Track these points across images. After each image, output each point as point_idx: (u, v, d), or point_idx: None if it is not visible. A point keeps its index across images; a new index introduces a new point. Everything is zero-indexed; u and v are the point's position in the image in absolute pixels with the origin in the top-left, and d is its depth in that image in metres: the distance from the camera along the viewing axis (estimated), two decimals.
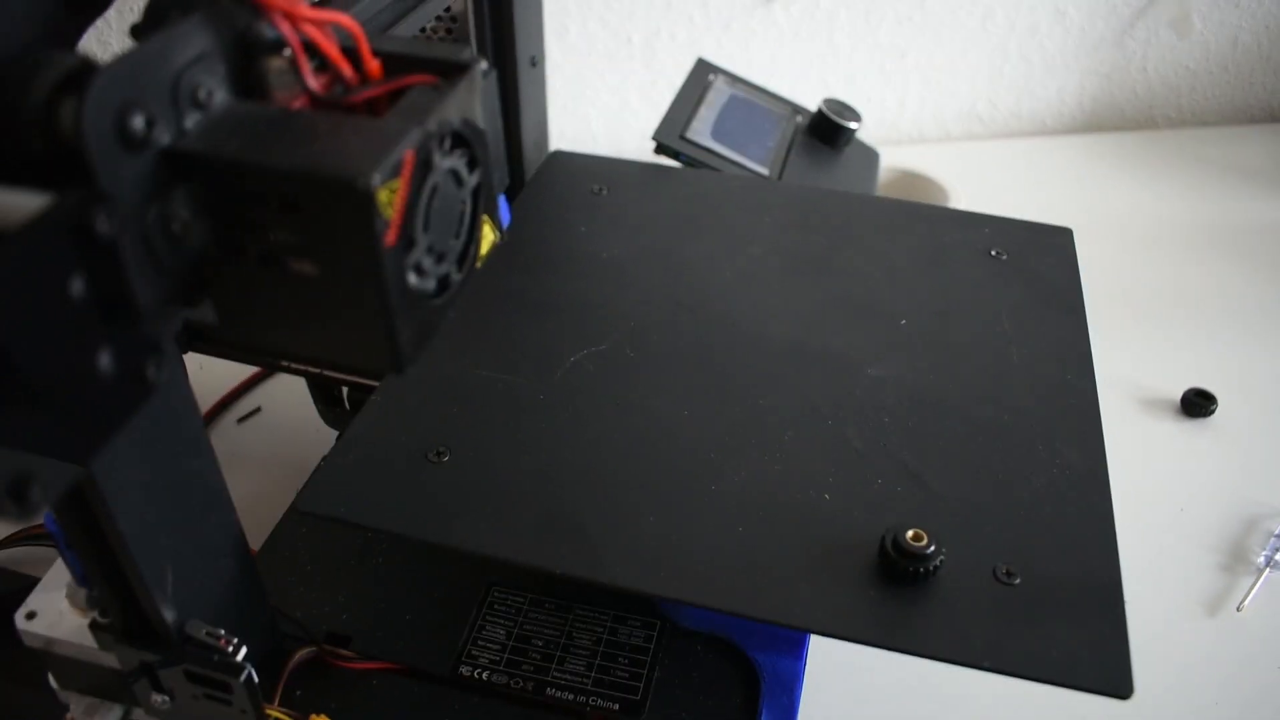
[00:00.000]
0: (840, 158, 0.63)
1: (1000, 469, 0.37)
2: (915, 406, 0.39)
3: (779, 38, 0.87)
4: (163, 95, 0.21)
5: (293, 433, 0.58)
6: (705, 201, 0.52)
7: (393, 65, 0.25)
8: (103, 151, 0.20)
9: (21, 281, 0.18)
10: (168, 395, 0.26)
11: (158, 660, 0.31)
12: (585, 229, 0.50)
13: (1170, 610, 0.48)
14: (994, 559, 0.33)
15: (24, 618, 0.36)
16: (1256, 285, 0.71)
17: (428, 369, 0.40)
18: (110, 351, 0.21)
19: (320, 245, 0.22)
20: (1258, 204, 0.81)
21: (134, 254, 0.21)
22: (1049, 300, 0.45)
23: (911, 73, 0.91)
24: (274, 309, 0.24)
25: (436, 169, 0.23)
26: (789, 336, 0.43)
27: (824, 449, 0.37)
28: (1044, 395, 0.40)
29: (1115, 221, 0.78)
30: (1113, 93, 0.94)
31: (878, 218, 0.51)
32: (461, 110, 0.24)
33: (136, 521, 0.27)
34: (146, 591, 0.28)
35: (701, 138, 0.57)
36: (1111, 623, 0.31)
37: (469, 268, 0.26)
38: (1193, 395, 0.59)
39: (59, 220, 0.19)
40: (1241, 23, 0.90)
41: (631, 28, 0.85)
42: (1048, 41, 0.90)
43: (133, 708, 0.39)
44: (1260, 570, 0.49)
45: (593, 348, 0.42)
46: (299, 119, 0.23)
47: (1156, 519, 0.52)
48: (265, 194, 0.22)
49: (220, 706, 0.32)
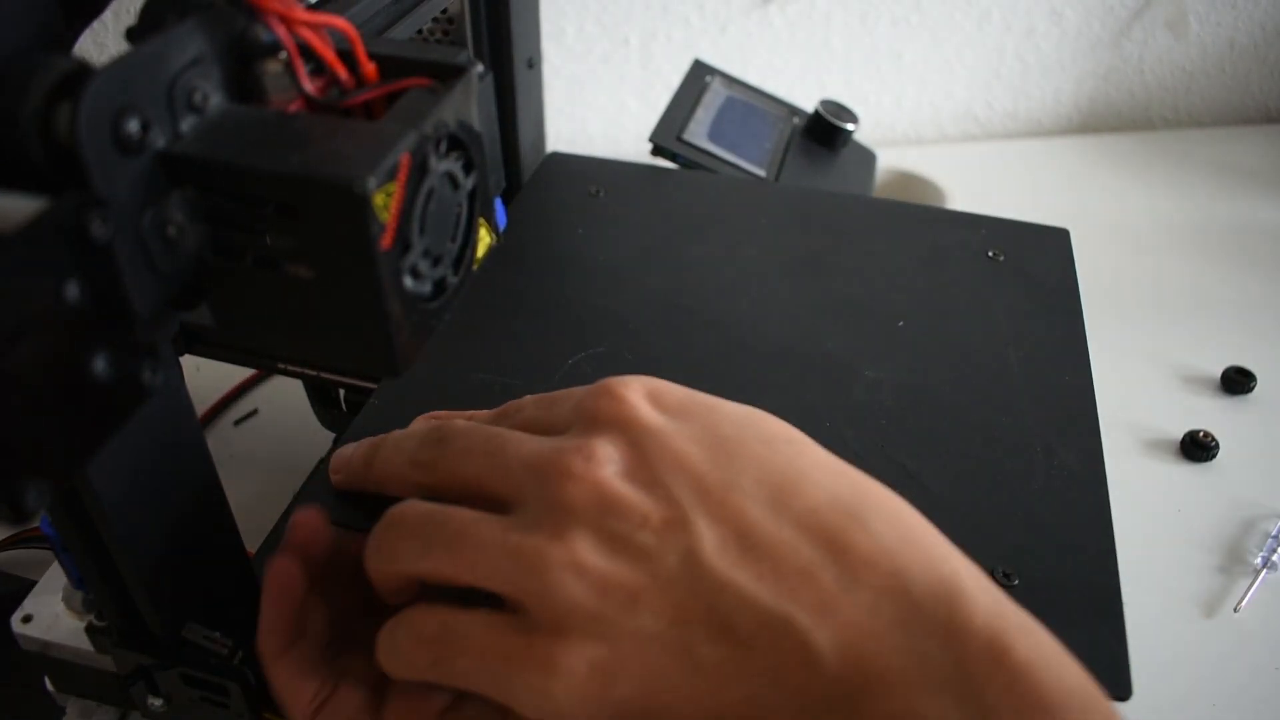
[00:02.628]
0: (837, 159, 0.63)
1: (998, 471, 0.37)
2: (913, 408, 0.39)
3: (775, 39, 0.87)
4: (158, 99, 0.21)
5: (290, 435, 0.58)
6: (703, 203, 0.52)
7: (389, 68, 0.25)
8: (98, 155, 0.20)
9: (16, 285, 0.18)
10: (164, 398, 0.26)
11: (154, 663, 0.31)
12: (582, 231, 0.50)
13: (1167, 611, 0.48)
14: (993, 561, 0.33)
15: (20, 621, 0.36)
16: (1253, 287, 0.71)
17: (425, 372, 0.40)
18: (106, 356, 0.21)
19: (316, 249, 0.22)
20: (1254, 205, 0.81)
21: (130, 258, 0.21)
22: (1046, 301, 0.45)
23: (908, 74, 0.91)
24: (270, 312, 0.24)
25: (433, 172, 0.23)
26: (786, 338, 0.43)
27: None
28: (1041, 396, 0.40)
29: (1112, 222, 0.78)
30: (1109, 94, 0.94)
31: (875, 219, 0.51)
32: (458, 113, 0.24)
33: (133, 524, 0.27)
34: (143, 594, 0.28)
35: (698, 139, 0.57)
36: (1110, 624, 0.31)
37: (465, 271, 0.26)
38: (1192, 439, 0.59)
39: (54, 224, 0.19)
40: (1238, 24, 0.90)
41: (628, 29, 0.85)
42: (1044, 43, 0.90)
43: (129, 711, 0.39)
44: (1257, 571, 0.49)
45: (590, 350, 0.42)
46: (295, 122, 0.23)
47: (1153, 520, 0.52)
48: (261, 197, 0.22)
49: (217, 710, 0.32)
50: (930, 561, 0.24)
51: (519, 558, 0.24)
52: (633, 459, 0.25)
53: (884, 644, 0.23)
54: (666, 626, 0.24)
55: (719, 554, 0.24)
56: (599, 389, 0.27)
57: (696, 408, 0.27)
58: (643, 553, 0.24)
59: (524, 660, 0.24)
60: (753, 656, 0.23)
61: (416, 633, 0.26)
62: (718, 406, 0.27)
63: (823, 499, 0.25)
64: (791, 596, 0.23)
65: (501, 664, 0.24)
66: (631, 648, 0.24)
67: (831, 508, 0.25)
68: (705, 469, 0.25)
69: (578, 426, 0.27)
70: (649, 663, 0.24)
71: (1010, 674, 0.22)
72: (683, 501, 0.25)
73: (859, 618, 0.23)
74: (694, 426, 0.26)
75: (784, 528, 0.24)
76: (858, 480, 0.26)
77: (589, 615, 0.24)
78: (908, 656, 0.23)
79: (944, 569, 0.24)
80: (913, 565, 0.24)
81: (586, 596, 0.24)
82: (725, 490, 0.25)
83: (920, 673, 0.22)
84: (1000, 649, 0.22)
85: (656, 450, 0.25)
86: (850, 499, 0.25)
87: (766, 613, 0.23)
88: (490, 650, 0.24)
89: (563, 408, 0.28)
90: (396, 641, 0.26)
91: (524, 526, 0.25)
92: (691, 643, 0.23)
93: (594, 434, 0.26)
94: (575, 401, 0.28)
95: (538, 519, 0.25)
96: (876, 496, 0.26)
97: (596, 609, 0.23)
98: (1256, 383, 0.60)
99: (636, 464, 0.25)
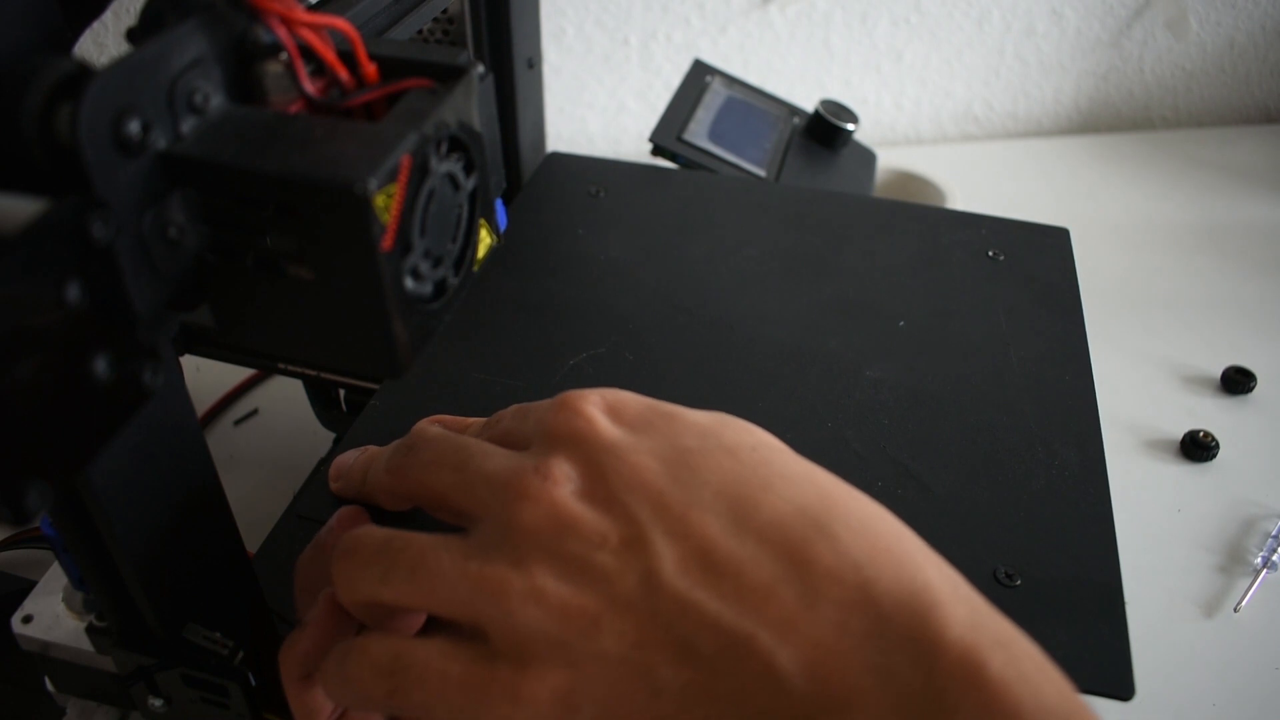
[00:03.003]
0: (837, 159, 0.63)
1: (999, 471, 0.37)
2: (914, 408, 0.39)
3: (775, 39, 0.87)
4: (159, 100, 0.21)
5: (290, 435, 0.58)
6: (703, 203, 0.52)
7: (389, 69, 0.25)
8: (99, 157, 0.20)
9: (17, 287, 0.18)
10: (164, 398, 0.26)
11: (154, 664, 0.31)
12: (583, 231, 0.49)
13: (1167, 611, 0.48)
14: (994, 561, 0.33)
15: (20, 621, 0.36)
16: (1253, 287, 0.71)
17: (426, 372, 0.40)
18: (106, 357, 0.21)
19: (317, 250, 0.22)
20: (1254, 205, 0.81)
21: (130, 259, 0.21)
22: (1046, 300, 0.45)
23: (908, 74, 0.91)
24: (271, 313, 0.24)
25: (433, 173, 0.23)
26: (787, 338, 0.43)
27: (823, 451, 0.37)
28: (1042, 396, 0.40)
29: (1112, 222, 0.78)
30: (1109, 94, 0.94)
31: (875, 219, 0.51)
32: (458, 114, 0.24)
33: (133, 525, 0.27)
34: (143, 595, 0.28)
35: (698, 139, 0.57)
36: (1112, 624, 0.31)
37: (466, 271, 0.26)
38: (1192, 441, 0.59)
39: (55, 226, 0.19)
40: (1238, 24, 0.90)
41: (628, 29, 0.85)
42: (1044, 43, 0.90)
43: (129, 711, 0.39)
44: (1257, 571, 0.49)
45: (591, 350, 0.42)
46: (295, 123, 0.23)
47: (1153, 520, 0.52)
48: (262, 199, 0.22)
49: (217, 710, 0.32)
50: (901, 572, 0.23)
51: (478, 586, 0.24)
52: (590, 477, 0.25)
53: (851, 661, 0.22)
54: (628, 649, 0.23)
55: (679, 573, 0.23)
56: (558, 403, 0.27)
57: (657, 419, 0.26)
58: (601, 575, 0.23)
59: (486, 691, 0.23)
60: (716, 678, 0.23)
61: (370, 662, 0.25)
62: (679, 416, 0.27)
63: (787, 510, 0.24)
64: (754, 615, 0.23)
65: (462, 695, 0.24)
66: (594, 672, 0.23)
67: (796, 519, 0.24)
68: (664, 484, 0.24)
69: (538, 442, 0.26)
70: (612, 687, 0.23)
71: (984, 692, 0.21)
72: (641, 519, 0.24)
73: (824, 634, 0.22)
74: (654, 439, 0.26)
75: (746, 543, 0.23)
76: (826, 487, 0.25)
77: (550, 642, 0.23)
78: (876, 674, 0.22)
79: (916, 579, 0.23)
80: (882, 576, 0.23)
81: (547, 623, 0.23)
82: (685, 506, 0.24)
83: (889, 691, 0.22)
84: (974, 665, 0.21)
85: (614, 467, 0.25)
86: (817, 508, 0.24)
87: (728, 633, 0.23)
88: (450, 681, 0.24)
89: (529, 421, 0.28)
90: (347, 671, 0.25)
91: (483, 552, 0.24)
92: (653, 665, 0.23)
93: (552, 451, 0.25)
94: (538, 415, 0.27)
95: (497, 542, 0.24)
96: (845, 504, 0.25)
97: (557, 635, 0.23)
98: (1256, 383, 0.60)
99: (593, 482, 0.25)
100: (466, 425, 0.31)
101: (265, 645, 0.31)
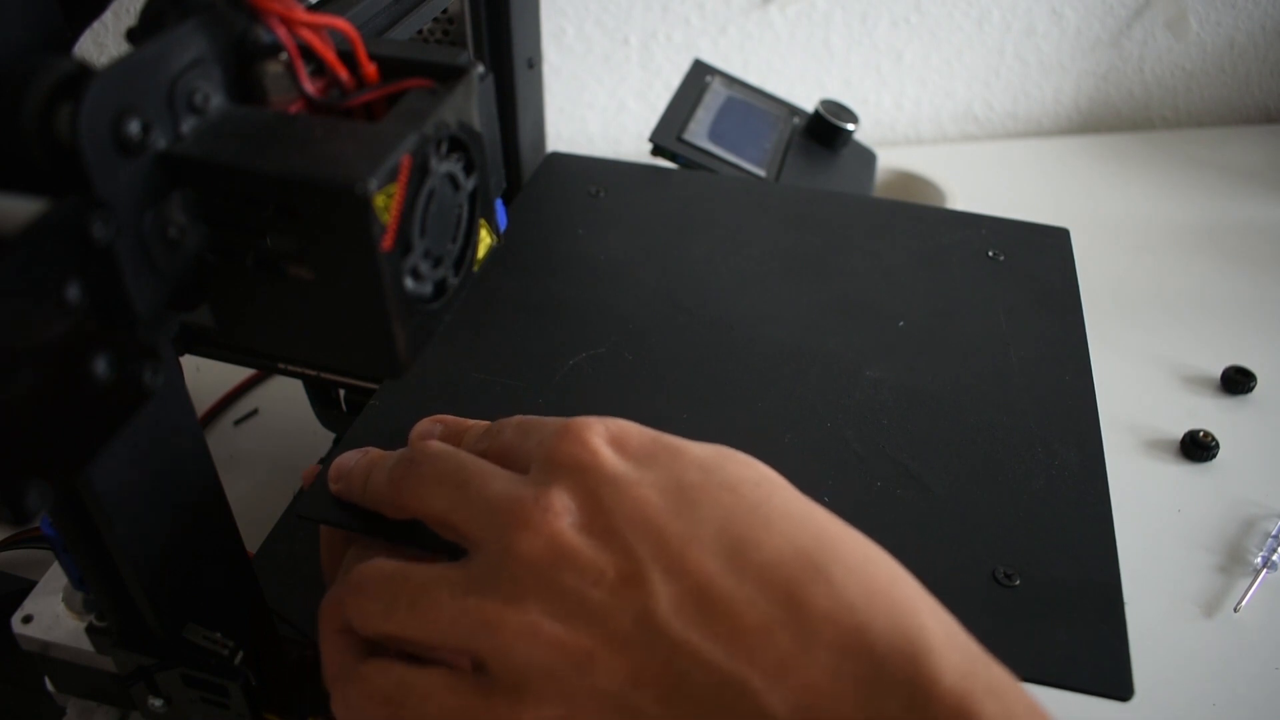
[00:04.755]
0: (837, 159, 0.63)
1: (999, 471, 0.37)
2: (914, 408, 0.39)
3: (775, 39, 0.87)
4: (159, 100, 0.21)
5: (290, 435, 0.58)
6: (703, 203, 0.52)
7: (389, 69, 0.25)
8: (99, 157, 0.20)
9: (18, 287, 0.18)
10: (164, 398, 0.26)
11: (154, 664, 0.31)
12: (583, 231, 0.49)
13: (1167, 611, 0.48)
14: (993, 561, 0.33)
15: (20, 621, 0.36)
16: (1253, 287, 0.71)
17: (426, 372, 0.40)
18: (107, 357, 0.21)
19: (317, 250, 0.22)
20: (1254, 205, 0.81)
21: (130, 259, 0.21)
22: (1046, 301, 0.45)
23: (908, 74, 0.91)
24: (271, 313, 0.24)
25: (433, 173, 0.23)
26: (787, 338, 0.43)
27: (823, 451, 0.37)
28: (1042, 396, 0.40)
29: (1112, 222, 0.78)
30: (1109, 94, 0.94)
31: (875, 219, 0.51)
32: (458, 114, 0.24)
33: (133, 525, 0.27)
34: (143, 595, 0.28)
35: (698, 139, 0.57)
36: (1112, 624, 0.31)
37: (466, 271, 0.26)
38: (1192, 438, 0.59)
39: (55, 226, 0.19)
40: (1238, 24, 0.90)
41: (628, 29, 0.85)
42: (1044, 43, 0.90)
43: (129, 711, 0.39)
44: (1257, 571, 0.49)
45: (591, 351, 0.42)
46: (296, 123, 0.23)
47: (1153, 520, 0.52)
48: (262, 199, 0.22)
49: (217, 710, 0.32)
50: (897, 615, 0.23)
51: (475, 621, 0.24)
52: (590, 509, 0.25)
53: (843, 706, 0.22)
54: (621, 687, 0.23)
55: (675, 612, 0.23)
56: (563, 430, 0.27)
57: (661, 452, 0.26)
58: (597, 612, 0.24)
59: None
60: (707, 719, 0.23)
61: (371, 690, 0.26)
62: (683, 451, 0.26)
63: (785, 550, 0.24)
64: (747, 657, 0.23)
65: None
66: (587, 708, 0.23)
67: (794, 560, 0.24)
68: (664, 520, 0.24)
69: (539, 468, 0.26)
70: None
71: None
72: (639, 555, 0.24)
73: (817, 678, 0.22)
74: (657, 473, 0.26)
75: (743, 583, 0.23)
76: (825, 527, 0.25)
77: (545, 676, 0.24)
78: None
79: (911, 624, 0.23)
80: (876, 620, 0.23)
81: (542, 657, 0.24)
82: (684, 543, 0.24)
83: None
84: (967, 713, 0.21)
85: (615, 500, 0.25)
86: (814, 549, 0.24)
87: (721, 674, 0.23)
88: (447, 710, 0.25)
89: (532, 440, 0.28)
90: (350, 698, 0.26)
91: (480, 586, 0.25)
92: (645, 704, 0.23)
93: (553, 480, 0.26)
94: (541, 438, 0.27)
95: (495, 572, 0.25)
96: (842, 546, 0.25)
97: (552, 670, 0.24)
98: (1256, 383, 0.60)
99: (593, 514, 0.25)
100: (467, 427, 0.31)
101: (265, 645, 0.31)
